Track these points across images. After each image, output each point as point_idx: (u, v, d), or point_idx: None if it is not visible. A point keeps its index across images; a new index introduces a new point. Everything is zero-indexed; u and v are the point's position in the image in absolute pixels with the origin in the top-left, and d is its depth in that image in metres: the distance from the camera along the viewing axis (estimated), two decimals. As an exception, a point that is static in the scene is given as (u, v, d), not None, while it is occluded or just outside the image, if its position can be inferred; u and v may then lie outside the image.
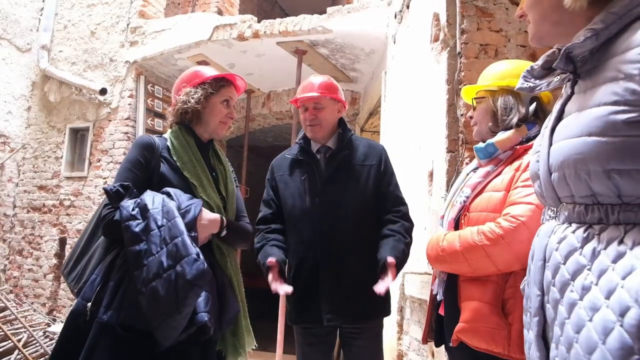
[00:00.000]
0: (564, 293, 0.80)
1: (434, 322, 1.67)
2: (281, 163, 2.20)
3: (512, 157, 1.47)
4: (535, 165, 0.91)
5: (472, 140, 2.30)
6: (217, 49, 5.03)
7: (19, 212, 5.75)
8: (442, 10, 2.57)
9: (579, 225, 0.81)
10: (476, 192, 1.49)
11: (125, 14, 5.57)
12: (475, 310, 1.37)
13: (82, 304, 1.51)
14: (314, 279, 1.98)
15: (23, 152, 5.82)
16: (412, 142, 3.07)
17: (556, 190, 0.86)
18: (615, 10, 0.79)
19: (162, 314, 1.39)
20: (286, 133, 6.55)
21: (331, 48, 4.80)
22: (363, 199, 2.05)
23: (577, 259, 0.78)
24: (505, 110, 1.52)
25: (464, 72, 2.37)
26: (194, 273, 1.39)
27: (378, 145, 2.21)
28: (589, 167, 0.77)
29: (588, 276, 0.76)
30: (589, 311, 0.74)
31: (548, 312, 0.85)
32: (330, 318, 1.95)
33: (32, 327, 4.31)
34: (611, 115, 0.74)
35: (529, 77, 0.95)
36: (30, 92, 5.88)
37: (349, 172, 2.06)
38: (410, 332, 2.89)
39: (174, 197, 1.57)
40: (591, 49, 0.81)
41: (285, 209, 2.11)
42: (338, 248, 1.98)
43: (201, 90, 1.75)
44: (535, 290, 0.89)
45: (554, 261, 0.84)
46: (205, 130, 1.81)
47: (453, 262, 1.43)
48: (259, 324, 4.07)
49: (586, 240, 0.78)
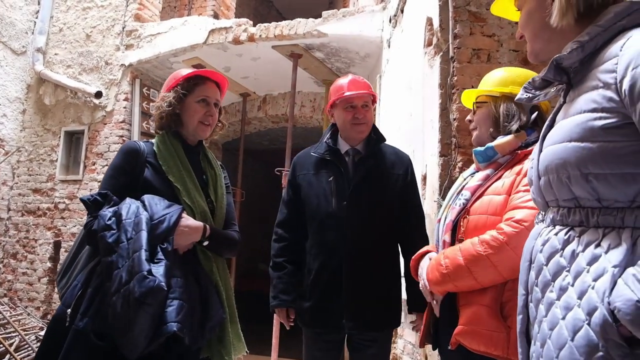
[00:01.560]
0: (545, 293, 0.84)
1: (431, 325, 1.66)
2: (305, 161, 2.14)
3: (513, 162, 1.48)
4: (530, 171, 0.95)
5: (464, 144, 2.31)
6: (213, 52, 5.03)
7: (14, 216, 5.73)
8: (435, 15, 2.59)
9: (562, 227, 0.84)
10: (477, 195, 1.49)
11: (121, 17, 5.57)
12: (474, 313, 1.37)
13: (62, 309, 1.51)
14: (335, 284, 1.94)
15: (18, 155, 5.80)
16: (406, 145, 3.08)
17: (543, 194, 0.89)
18: (601, 23, 0.83)
19: (119, 330, 1.38)
20: (282, 136, 6.55)
21: (326, 52, 4.81)
22: (389, 207, 2.03)
23: (558, 260, 0.82)
24: (507, 116, 1.54)
25: (456, 77, 2.38)
26: (142, 291, 1.35)
27: (405, 154, 2.18)
28: (569, 172, 0.80)
29: (566, 277, 0.79)
30: (563, 310, 0.78)
31: (531, 311, 0.89)
32: (352, 326, 1.93)
33: (24, 331, 4.29)
34: (590, 121, 0.78)
35: (529, 88, 0.98)
36: (25, 95, 5.87)
37: (377, 178, 2.03)
38: (405, 336, 2.90)
39: (147, 207, 1.54)
40: (581, 60, 0.84)
41: (309, 209, 2.06)
42: (363, 254, 1.95)
43: (174, 93, 1.72)
44: (521, 290, 0.93)
45: (538, 262, 0.87)
46: (188, 132, 1.77)
47: (458, 279, 1.39)
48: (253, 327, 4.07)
49: (567, 243, 0.81)
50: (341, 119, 2.07)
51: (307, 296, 2.01)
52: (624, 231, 0.74)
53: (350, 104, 2.04)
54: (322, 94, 5.62)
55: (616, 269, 0.71)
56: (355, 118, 2.04)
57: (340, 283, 1.94)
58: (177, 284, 1.49)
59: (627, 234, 0.73)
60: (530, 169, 0.95)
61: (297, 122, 5.96)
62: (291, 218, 2.11)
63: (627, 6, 0.82)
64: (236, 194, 5.92)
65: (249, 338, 1.81)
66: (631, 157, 0.74)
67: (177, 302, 1.45)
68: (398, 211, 2.05)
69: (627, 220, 0.74)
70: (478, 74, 2.37)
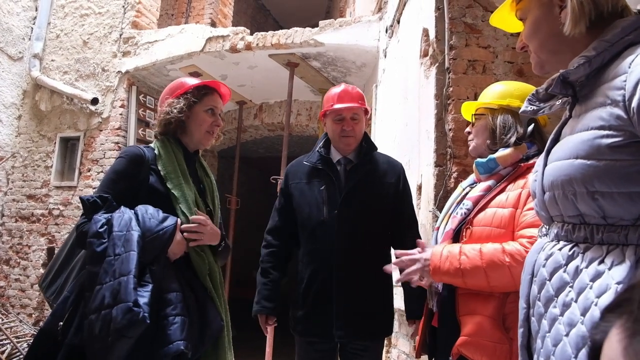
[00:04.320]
0: (548, 308, 0.83)
1: (427, 335, 1.66)
2: (297, 170, 2.15)
3: (515, 174, 1.50)
4: (534, 184, 0.94)
5: (460, 154, 2.32)
6: (210, 60, 5.05)
7: (7, 221, 5.69)
8: (431, 26, 2.62)
9: (566, 243, 0.83)
10: (480, 206, 1.50)
11: (118, 24, 5.58)
12: (478, 324, 1.37)
13: (53, 322, 1.46)
14: (327, 293, 1.95)
15: (12, 160, 5.78)
16: (401, 155, 3.09)
17: (548, 209, 0.88)
18: (607, 38, 0.82)
19: (96, 351, 1.34)
20: (278, 144, 6.56)
21: (323, 61, 4.84)
22: (381, 216, 2.03)
23: (562, 276, 0.81)
24: (504, 128, 1.56)
25: (452, 87, 2.40)
26: (124, 324, 1.31)
27: (398, 163, 2.19)
28: (575, 189, 0.79)
29: (569, 293, 0.78)
30: (566, 327, 0.77)
31: (533, 325, 0.88)
32: (342, 334, 1.92)
33: (17, 338, 4.25)
34: (597, 139, 0.77)
35: (533, 100, 0.97)
36: (21, 100, 5.86)
37: (369, 187, 2.03)
38: (399, 346, 2.89)
39: (140, 221, 1.49)
40: (587, 75, 0.83)
41: (301, 218, 2.07)
42: (354, 263, 1.95)
43: (184, 100, 1.73)
44: (522, 303, 0.92)
45: (540, 277, 0.86)
46: (191, 140, 1.78)
47: (471, 277, 1.38)
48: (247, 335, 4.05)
49: (571, 258, 0.80)
50: (330, 130, 2.10)
51: (299, 305, 2.01)
52: (627, 248, 0.74)
53: (339, 116, 2.05)
54: (319, 103, 5.64)
55: (619, 286, 0.71)
56: (343, 130, 2.05)
57: (331, 291, 1.94)
58: (177, 299, 1.46)
59: (630, 251, 0.73)
60: (533, 182, 0.95)
61: (293, 130, 5.97)
62: (282, 226, 2.12)
63: (634, 20, 0.81)
64: (232, 202, 5.91)
65: (243, 346, 1.79)
66: (638, 176, 0.73)
67: (179, 318, 1.43)
68: (390, 219, 2.06)
69: (631, 237, 0.74)
70: (473, 85, 2.39)
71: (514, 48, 2.47)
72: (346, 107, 2.04)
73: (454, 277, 1.42)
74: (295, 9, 9.36)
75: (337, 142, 2.09)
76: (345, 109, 2.04)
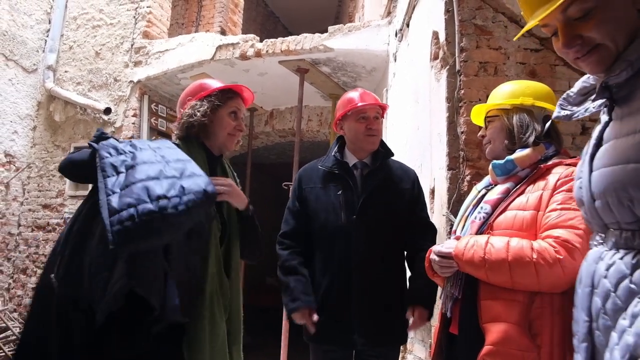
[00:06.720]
0: (617, 320, 0.79)
1: (444, 342, 1.60)
2: (311, 174, 2.12)
3: (535, 176, 1.46)
4: (579, 191, 0.91)
5: (472, 157, 2.30)
6: (220, 68, 5.08)
7: (24, 231, 5.76)
8: (441, 28, 2.60)
9: (627, 251, 0.80)
10: (500, 209, 1.46)
11: (130, 34, 5.65)
12: (504, 332, 1.32)
13: (47, 276, 1.41)
14: (345, 300, 1.91)
15: (28, 171, 5.86)
16: (414, 159, 3.07)
17: (601, 216, 0.85)
18: None
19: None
20: (289, 150, 6.57)
21: (333, 66, 4.84)
22: (397, 221, 2.02)
23: (628, 286, 0.78)
24: (522, 127, 1.53)
25: (463, 90, 2.38)
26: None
27: (411, 169, 2.20)
28: (631, 194, 0.77)
29: (638, 304, 0.75)
30: (635, 337, 0.74)
31: (598, 338, 0.84)
32: (363, 342, 1.89)
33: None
34: None
35: (565, 104, 0.94)
36: (35, 112, 5.94)
37: (386, 192, 2.02)
38: (415, 352, 2.86)
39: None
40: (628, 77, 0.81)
41: (317, 223, 2.03)
42: (372, 269, 1.93)
43: (207, 103, 1.70)
44: (583, 316, 0.89)
45: (603, 288, 0.83)
46: (215, 143, 1.75)
47: (495, 270, 1.34)
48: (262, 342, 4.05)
49: (636, 267, 0.77)
50: (353, 130, 2.07)
51: (316, 312, 1.97)
52: None
53: (363, 114, 2.05)
54: (329, 108, 5.64)
55: None
56: (368, 129, 2.04)
57: (349, 298, 1.91)
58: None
59: None
60: (579, 189, 0.92)
61: (304, 136, 5.97)
62: (298, 228, 2.08)
63: None
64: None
65: (256, 353, 1.77)
66: None
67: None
68: (405, 225, 2.04)
69: None
70: (485, 87, 2.37)
71: (525, 49, 2.45)
72: (370, 104, 2.06)
73: (478, 269, 1.38)
74: (305, 15, 9.40)
75: (362, 142, 2.06)
76: (370, 107, 2.06)
